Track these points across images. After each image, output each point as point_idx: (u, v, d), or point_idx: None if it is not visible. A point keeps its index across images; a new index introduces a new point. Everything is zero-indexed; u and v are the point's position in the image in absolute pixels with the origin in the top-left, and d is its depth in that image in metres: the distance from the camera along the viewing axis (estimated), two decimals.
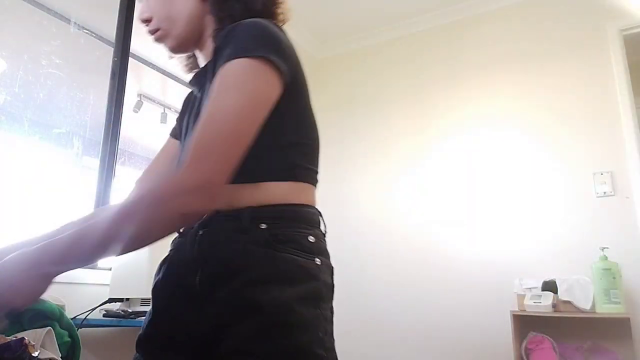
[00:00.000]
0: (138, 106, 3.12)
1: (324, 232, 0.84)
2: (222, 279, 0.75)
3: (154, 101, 3.24)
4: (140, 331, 0.87)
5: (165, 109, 3.26)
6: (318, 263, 0.79)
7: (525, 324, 2.38)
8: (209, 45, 0.89)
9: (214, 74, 0.77)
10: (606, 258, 2.22)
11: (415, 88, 3.22)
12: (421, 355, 2.75)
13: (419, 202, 3.00)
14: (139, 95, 3.14)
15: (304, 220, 0.80)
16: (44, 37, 2.12)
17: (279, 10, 0.90)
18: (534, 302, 2.28)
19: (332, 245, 0.83)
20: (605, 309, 2.16)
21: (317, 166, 0.87)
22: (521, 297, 2.39)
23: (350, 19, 3.36)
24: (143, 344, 0.85)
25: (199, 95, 0.90)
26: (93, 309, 1.68)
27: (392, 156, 3.19)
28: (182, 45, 0.93)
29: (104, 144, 2.14)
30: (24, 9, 2.06)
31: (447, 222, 2.87)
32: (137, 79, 2.98)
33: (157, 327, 0.84)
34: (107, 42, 2.33)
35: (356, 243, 3.10)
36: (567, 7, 2.79)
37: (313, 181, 0.85)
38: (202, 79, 0.89)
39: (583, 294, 2.24)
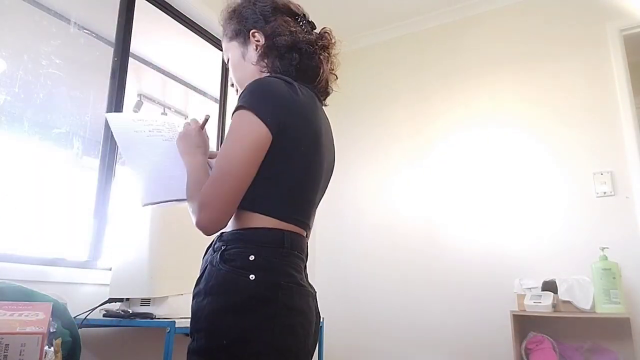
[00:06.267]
0: (138, 106, 3.11)
1: (283, 248, 0.92)
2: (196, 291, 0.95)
3: (154, 101, 3.23)
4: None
5: (165, 108, 3.25)
6: (252, 278, 0.87)
7: (525, 324, 2.38)
8: None
9: None
10: (606, 258, 2.22)
11: (415, 88, 3.22)
12: (421, 355, 2.75)
13: (418, 202, 3.00)
14: (139, 95, 3.13)
15: (253, 242, 0.91)
16: (44, 37, 2.12)
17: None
18: (534, 302, 2.28)
19: (332, 244, 0.84)
20: (605, 309, 2.16)
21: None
22: (521, 297, 2.39)
23: (351, 18, 3.36)
24: None
25: None
26: (93, 309, 1.67)
27: (391, 156, 3.19)
28: None
29: (104, 144, 2.14)
30: (24, 9, 2.06)
31: (446, 222, 2.87)
32: (137, 79, 2.98)
33: None
34: (107, 42, 2.33)
35: (355, 242, 3.10)
36: (567, 7, 2.79)
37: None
38: None
39: (583, 294, 2.24)
